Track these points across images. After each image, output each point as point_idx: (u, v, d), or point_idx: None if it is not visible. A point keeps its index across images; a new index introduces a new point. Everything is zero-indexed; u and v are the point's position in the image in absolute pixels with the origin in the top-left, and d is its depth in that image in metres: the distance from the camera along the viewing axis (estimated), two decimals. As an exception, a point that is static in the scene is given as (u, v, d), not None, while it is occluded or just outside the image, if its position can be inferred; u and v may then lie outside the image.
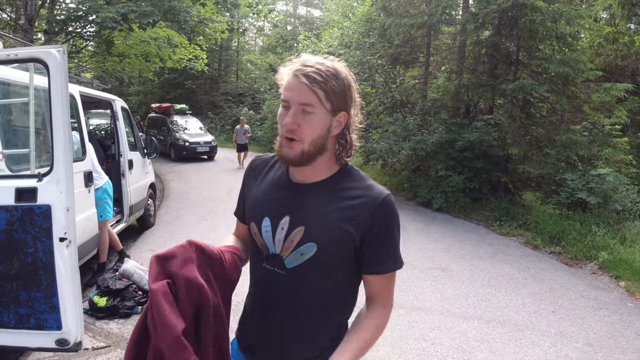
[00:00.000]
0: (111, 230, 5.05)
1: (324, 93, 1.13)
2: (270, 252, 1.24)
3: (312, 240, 1.18)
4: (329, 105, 1.15)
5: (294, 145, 1.16)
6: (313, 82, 1.12)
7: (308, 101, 1.13)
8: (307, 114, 1.14)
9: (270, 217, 1.24)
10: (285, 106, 1.17)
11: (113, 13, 8.10)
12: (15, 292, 2.59)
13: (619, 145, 8.55)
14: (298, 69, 1.15)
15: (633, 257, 5.79)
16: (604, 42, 10.63)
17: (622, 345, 3.86)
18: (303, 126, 1.14)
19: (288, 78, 1.17)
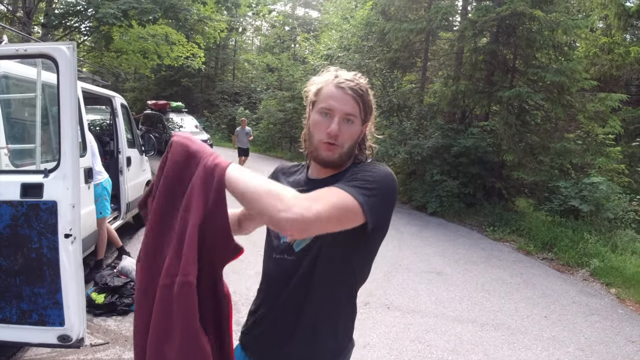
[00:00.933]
0: (110, 227, 5.05)
1: (363, 106, 1.28)
2: (282, 241, 1.33)
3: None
4: (363, 116, 1.30)
5: (334, 149, 1.27)
6: (357, 95, 1.26)
7: (352, 112, 1.26)
8: (349, 122, 1.27)
9: None
10: (325, 113, 1.27)
11: (114, 9, 8.09)
12: (19, 288, 2.59)
13: (612, 155, 8.69)
14: (341, 82, 1.26)
15: (624, 264, 5.90)
16: (599, 52, 10.78)
17: (612, 350, 3.94)
18: (345, 134, 1.26)
19: (329, 88, 1.28)
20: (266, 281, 1.39)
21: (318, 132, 1.28)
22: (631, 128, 10.27)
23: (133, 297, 4.12)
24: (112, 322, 3.80)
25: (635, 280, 5.53)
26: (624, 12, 10.20)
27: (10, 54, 2.62)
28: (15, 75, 3.58)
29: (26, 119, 4.03)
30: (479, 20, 8.81)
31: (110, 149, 6.43)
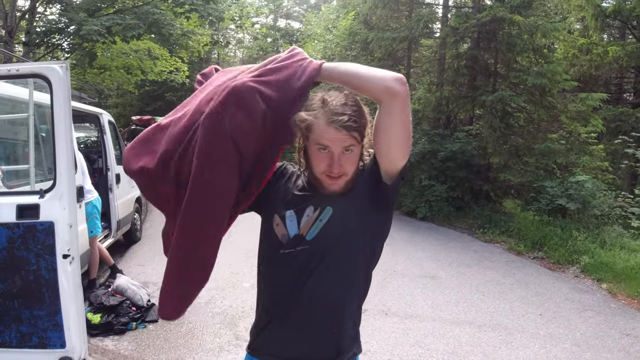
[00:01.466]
0: (101, 245, 5.00)
1: (358, 133, 1.25)
2: (290, 237, 1.34)
3: (329, 205, 1.32)
4: (360, 139, 1.28)
5: (339, 180, 1.29)
6: (350, 129, 1.23)
7: (349, 144, 1.25)
8: (348, 152, 1.26)
9: (295, 209, 1.35)
10: (325, 149, 1.26)
11: (98, 26, 8.07)
12: (17, 311, 2.57)
13: (595, 153, 8.91)
14: (332, 119, 1.22)
15: (613, 260, 6.02)
16: (578, 53, 11.06)
17: (608, 344, 4.02)
18: (346, 164, 1.27)
19: (320, 124, 1.23)
20: (276, 281, 1.39)
21: (318, 165, 1.28)
22: (612, 126, 10.53)
23: (129, 315, 4.08)
24: (110, 342, 3.75)
25: (625, 274, 5.65)
26: (600, 13, 10.51)
27: (3, 75, 2.61)
28: (3, 95, 3.55)
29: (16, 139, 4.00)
30: (459, 27, 9.00)
31: (98, 166, 6.38)
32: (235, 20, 12.53)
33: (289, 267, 1.34)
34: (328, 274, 1.31)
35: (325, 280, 1.31)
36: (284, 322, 1.37)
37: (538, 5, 9.05)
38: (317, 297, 1.32)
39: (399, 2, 11.18)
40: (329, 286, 1.32)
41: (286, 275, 1.34)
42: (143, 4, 9.93)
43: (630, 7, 9.90)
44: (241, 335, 3.90)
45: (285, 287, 1.34)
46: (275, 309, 1.38)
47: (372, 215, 1.35)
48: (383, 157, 1.28)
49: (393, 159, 1.28)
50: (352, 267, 1.36)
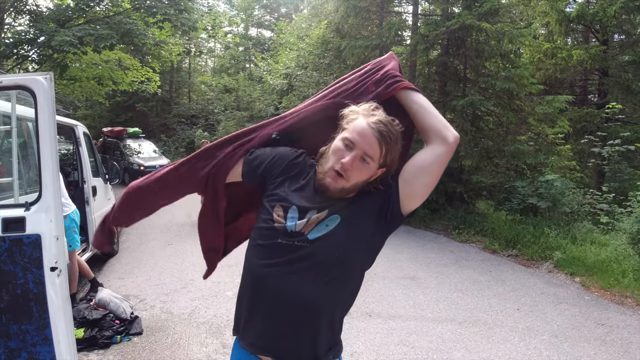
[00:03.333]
0: (81, 259, 4.92)
1: (385, 152, 1.30)
2: (289, 230, 1.32)
3: (336, 213, 1.32)
4: (382, 162, 1.32)
5: (339, 180, 1.30)
6: (383, 138, 1.28)
7: (372, 154, 1.28)
8: (364, 162, 1.29)
9: (299, 209, 1.34)
10: (348, 145, 1.29)
11: (70, 37, 7.93)
12: (5, 326, 2.52)
13: (563, 153, 9.27)
14: (375, 121, 1.29)
15: (585, 254, 6.29)
16: (543, 57, 11.47)
17: (584, 334, 4.21)
18: (355, 171, 1.29)
19: (361, 123, 1.30)
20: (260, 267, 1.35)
21: (333, 158, 1.31)
22: (578, 126, 10.96)
23: (113, 329, 4.02)
24: (95, 357, 3.70)
25: (597, 268, 5.91)
26: (564, 18, 10.95)
27: (-16, 88, 2.58)
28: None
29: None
30: (430, 35, 9.25)
31: (74, 179, 6.26)
32: (207, 30, 12.51)
33: (279, 257, 1.31)
34: (315, 279, 1.30)
35: (310, 283, 1.29)
36: (261, 312, 1.35)
37: (504, 13, 9.40)
38: (297, 297, 1.29)
39: (370, 10, 11.40)
40: (313, 290, 1.29)
41: (273, 263, 1.32)
42: (115, 14, 9.81)
43: (593, 11, 10.34)
44: (228, 343, 3.90)
45: (269, 276, 1.32)
46: (256, 296, 1.36)
47: (375, 238, 1.39)
48: (408, 189, 1.35)
49: (415, 196, 1.36)
50: (343, 281, 1.35)
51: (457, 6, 10.41)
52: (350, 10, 11.01)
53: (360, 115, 1.32)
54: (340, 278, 1.35)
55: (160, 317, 4.44)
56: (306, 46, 14.13)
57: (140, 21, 9.80)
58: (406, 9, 12.37)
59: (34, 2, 11.04)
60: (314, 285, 1.29)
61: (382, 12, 11.78)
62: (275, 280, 1.31)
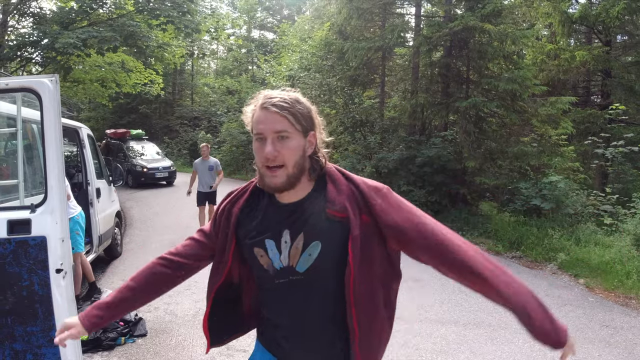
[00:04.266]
0: (85, 261, 4.93)
1: (293, 117, 1.24)
2: (279, 268, 1.32)
3: (315, 238, 1.28)
4: (300, 128, 1.25)
5: (278, 172, 1.24)
6: (282, 109, 1.22)
7: (282, 128, 1.22)
8: (284, 139, 1.23)
9: (272, 237, 1.33)
10: (260, 138, 1.25)
11: (73, 39, 7.96)
12: (11, 328, 2.53)
13: (566, 154, 9.24)
14: (264, 102, 1.24)
15: (589, 256, 6.27)
16: (546, 58, 11.44)
17: (589, 336, 4.20)
18: (283, 151, 1.23)
19: (256, 113, 1.26)
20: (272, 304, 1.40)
21: (258, 158, 1.26)
22: (582, 127, 10.92)
23: (118, 330, 4.03)
24: (99, 358, 3.71)
25: (601, 269, 5.90)
26: (567, 19, 10.94)
27: (-10, 90, 2.59)
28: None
29: None
30: (432, 36, 9.25)
31: (78, 181, 6.29)
32: (210, 32, 12.55)
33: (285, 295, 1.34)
34: (324, 306, 1.32)
35: (319, 311, 1.33)
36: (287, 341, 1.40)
37: (507, 14, 9.40)
38: (313, 326, 1.34)
39: (373, 12, 11.42)
40: (323, 316, 1.33)
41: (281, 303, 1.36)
42: (118, 16, 9.85)
43: (596, 12, 10.32)
44: (232, 345, 3.89)
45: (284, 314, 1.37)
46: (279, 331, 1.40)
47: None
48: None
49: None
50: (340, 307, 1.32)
51: (459, 8, 10.42)
52: (353, 12, 11.03)
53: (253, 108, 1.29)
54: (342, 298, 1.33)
55: (164, 319, 4.45)
56: (309, 48, 14.16)
57: (143, 23, 9.84)
58: (409, 10, 12.40)
59: (38, 4, 11.13)
60: (322, 313, 1.34)
61: (384, 13, 11.80)
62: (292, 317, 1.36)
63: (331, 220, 1.28)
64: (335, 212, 1.27)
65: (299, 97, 1.29)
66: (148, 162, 15.70)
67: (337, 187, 1.31)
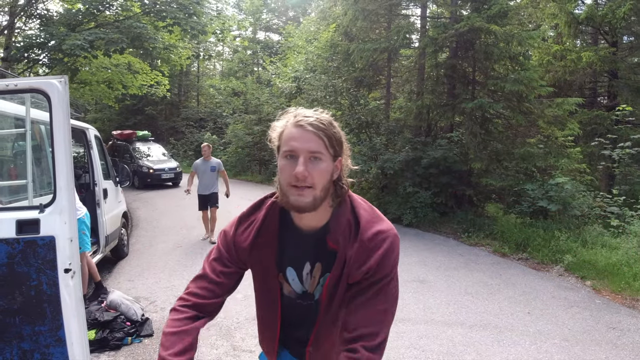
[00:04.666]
0: (91, 260, 4.96)
1: (328, 140, 1.20)
2: (300, 292, 1.39)
3: (327, 270, 1.32)
4: (332, 151, 1.22)
5: (305, 192, 1.18)
6: (318, 129, 1.19)
7: (316, 148, 1.18)
8: (316, 160, 1.19)
9: (294, 267, 1.36)
10: (290, 156, 1.19)
11: (80, 41, 8.02)
12: (19, 327, 2.55)
13: (572, 155, 9.18)
14: (299, 120, 1.20)
15: (595, 258, 6.23)
16: (552, 59, 11.39)
17: (596, 338, 4.17)
18: (314, 173, 1.18)
19: (288, 130, 1.21)
20: (298, 321, 1.43)
21: (285, 176, 1.21)
22: (588, 129, 10.87)
23: (124, 330, 4.06)
24: (106, 358, 3.73)
25: (608, 271, 5.86)
26: (573, 20, 10.90)
27: (1, 90, 2.62)
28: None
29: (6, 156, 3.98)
30: (438, 37, 9.24)
31: (85, 181, 6.33)
32: (216, 33, 12.61)
33: (304, 314, 1.39)
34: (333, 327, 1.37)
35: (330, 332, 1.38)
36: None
37: (513, 15, 9.37)
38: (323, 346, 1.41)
39: (379, 14, 11.42)
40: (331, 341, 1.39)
41: (302, 319, 1.41)
42: (125, 18, 9.92)
43: (602, 13, 10.27)
44: (238, 345, 3.91)
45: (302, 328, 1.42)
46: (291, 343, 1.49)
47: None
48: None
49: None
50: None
51: (465, 9, 10.40)
52: (359, 14, 11.03)
53: (284, 124, 1.24)
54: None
55: (171, 319, 4.45)
56: (314, 49, 14.18)
57: (150, 25, 9.90)
58: (414, 11, 12.40)
59: (45, 6, 11.21)
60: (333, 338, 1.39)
61: (390, 15, 11.79)
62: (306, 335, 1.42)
63: (330, 250, 1.29)
64: (331, 243, 1.28)
65: (333, 120, 1.25)
66: (154, 163, 15.78)
67: (338, 219, 1.28)
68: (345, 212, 1.28)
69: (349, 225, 1.26)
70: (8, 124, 4.03)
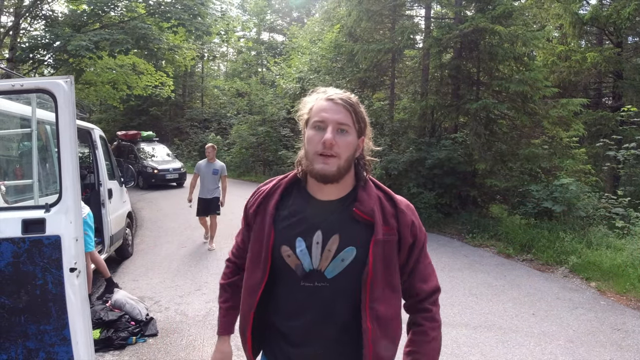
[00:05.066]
0: (99, 257, 4.99)
1: (355, 115, 1.29)
2: (307, 270, 1.30)
3: (350, 244, 1.28)
4: (357, 127, 1.30)
5: (330, 161, 1.25)
6: (348, 104, 1.28)
7: (345, 121, 1.26)
8: (343, 133, 1.27)
9: (303, 236, 1.31)
10: (319, 127, 1.27)
11: (85, 41, 8.06)
12: (24, 326, 2.56)
13: (577, 156, 9.14)
14: (331, 95, 1.29)
15: (600, 259, 6.20)
16: (557, 60, 11.38)
17: (600, 339, 4.15)
18: (340, 143, 1.25)
19: (319, 103, 1.30)
20: (295, 307, 1.34)
21: (312, 145, 1.27)
22: (593, 130, 10.83)
23: (129, 330, 4.07)
24: (110, 357, 3.74)
25: (612, 272, 5.82)
26: (578, 20, 10.87)
27: (6, 90, 2.63)
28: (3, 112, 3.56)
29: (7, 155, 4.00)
30: (443, 38, 9.23)
31: (90, 182, 6.36)
32: (221, 34, 12.66)
33: (307, 301, 1.31)
34: (342, 316, 1.30)
35: (336, 322, 1.31)
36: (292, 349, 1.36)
37: (518, 15, 9.34)
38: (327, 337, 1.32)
39: (383, 14, 11.42)
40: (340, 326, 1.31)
41: (303, 307, 1.32)
42: (129, 19, 9.96)
43: (607, 13, 10.25)
44: (241, 345, 3.91)
45: (300, 320, 1.33)
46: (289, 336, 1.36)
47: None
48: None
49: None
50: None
51: (470, 9, 10.38)
52: (363, 14, 11.04)
53: (315, 99, 1.33)
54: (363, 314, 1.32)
55: (175, 319, 4.48)
56: (319, 50, 14.19)
57: (154, 26, 9.94)
58: (418, 12, 12.40)
59: (50, 7, 11.28)
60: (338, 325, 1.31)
61: (394, 15, 11.79)
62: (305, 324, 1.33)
63: (357, 221, 1.30)
64: (362, 213, 1.29)
65: (359, 101, 1.34)
66: (158, 164, 15.84)
67: (367, 192, 1.34)
68: (371, 188, 1.37)
69: (379, 199, 1.35)
70: (15, 125, 4.05)
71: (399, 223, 1.33)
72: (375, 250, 1.27)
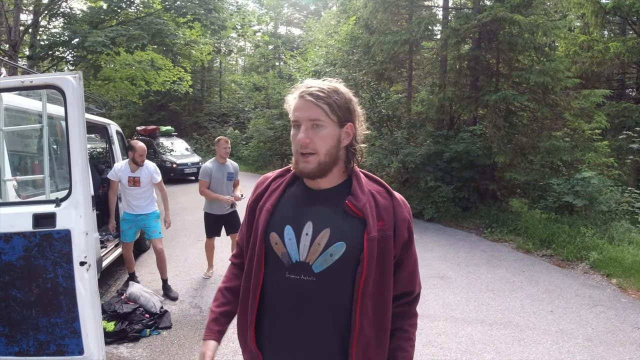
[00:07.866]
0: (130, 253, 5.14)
1: (329, 107, 1.25)
2: (294, 261, 1.26)
3: (340, 239, 1.24)
4: (335, 118, 1.27)
5: (309, 159, 1.26)
6: (317, 98, 1.24)
7: (316, 116, 1.25)
8: (317, 127, 1.26)
9: (293, 225, 1.29)
10: (296, 125, 1.28)
11: (102, 37, 8.17)
12: (35, 319, 2.61)
13: (600, 149, 8.86)
14: (302, 91, 1.28)
15: (622, 255, 6.02)
16: (579, 50, 11.07)
17: (620, 338, 4.02)
18: (315, 139, 1.26)
19: (294, 101, 1.30)
20: (279, 298, 1.30)
21: (294, 144, 1.29)
22: (616, 122, 10.52)
23: (143, 322, 4.12)
24: (125, 349, 3.79)
25: (634, 269, 5.64)
26: (600, 10, 10.55)
27: (16, 86, 2.67)
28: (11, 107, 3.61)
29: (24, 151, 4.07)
30: (460, 28, 9.04)
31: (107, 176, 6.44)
32: (237, 29, 12.67)
33: (295, 295, 1.27)
34: (326, 316, 1.26)
35: (323, 320, 1.26)
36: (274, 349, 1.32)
37: (538, 4, 9.10)
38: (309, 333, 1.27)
39: (399, 5, 11.25)
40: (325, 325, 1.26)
41: (286, 301, 1.28)
42: (146, 14, 10.06)
43: (630, 2, 9.91)
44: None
45: (282, 314, 1.29)
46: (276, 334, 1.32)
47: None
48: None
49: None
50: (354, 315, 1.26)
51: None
52: (379, 6, 10.90)
53: (293, 97, 1.32)
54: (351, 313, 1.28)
55: (189, 312, 4.51)
56: (335, 43, 14.09)
57: (170, 21, 10.01)
58: (436, 2, 12.14)
59: (68, 4, 11.46)
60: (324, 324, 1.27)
61: (411, 6, 11.60)
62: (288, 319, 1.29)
63: (350, 215, 1.27)
64: (354, 208, 1.27)
65: (339, 87, 1.30)
66: (177, 158, 16.03)
67: (361, 185, 1.31)
68: (363, 179, 1.35)
69: (372, 193, 1.32)
70: (32, 122, 4.12)
71: (396, 217, 1.31)
72: (370, 249, 1.23)
